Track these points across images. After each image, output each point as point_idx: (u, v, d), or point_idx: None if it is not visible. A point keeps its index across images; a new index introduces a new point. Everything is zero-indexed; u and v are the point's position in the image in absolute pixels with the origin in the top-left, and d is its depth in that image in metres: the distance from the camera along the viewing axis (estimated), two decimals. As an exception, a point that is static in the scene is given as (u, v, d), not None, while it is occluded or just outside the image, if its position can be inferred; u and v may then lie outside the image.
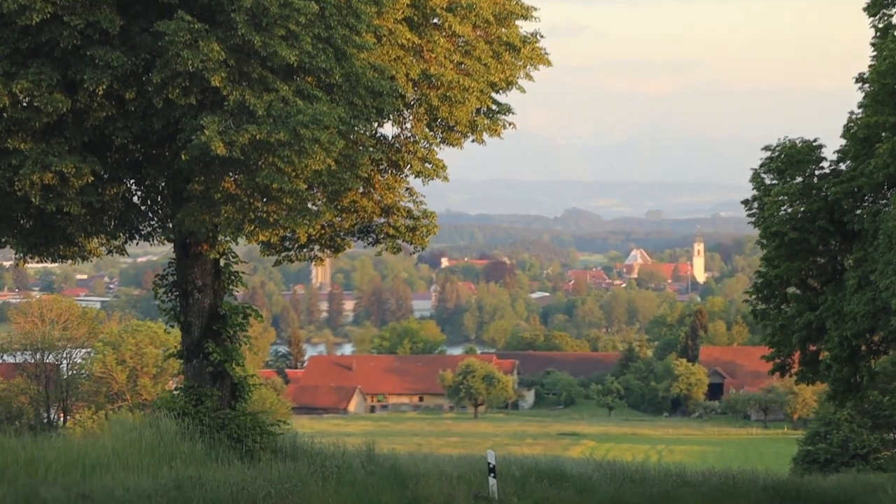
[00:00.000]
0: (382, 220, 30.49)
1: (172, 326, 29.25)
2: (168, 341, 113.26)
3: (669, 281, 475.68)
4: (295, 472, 25.12)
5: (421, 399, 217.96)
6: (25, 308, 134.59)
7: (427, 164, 29.22)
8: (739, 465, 43.08)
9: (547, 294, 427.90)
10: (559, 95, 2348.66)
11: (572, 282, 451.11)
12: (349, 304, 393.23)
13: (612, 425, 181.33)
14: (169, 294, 28.91)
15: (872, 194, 43.99)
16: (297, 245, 30.62)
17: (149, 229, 28.67)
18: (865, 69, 44.70)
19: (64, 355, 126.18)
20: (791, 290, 47.09)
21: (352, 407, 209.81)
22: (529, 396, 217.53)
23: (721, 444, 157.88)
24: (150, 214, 28.42)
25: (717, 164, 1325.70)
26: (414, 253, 30.81)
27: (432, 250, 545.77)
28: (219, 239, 27.99)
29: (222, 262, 29.10)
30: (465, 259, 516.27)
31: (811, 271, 46.23)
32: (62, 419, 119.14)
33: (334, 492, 24.52)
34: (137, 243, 28.90)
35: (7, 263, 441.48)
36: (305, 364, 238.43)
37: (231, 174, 25.40)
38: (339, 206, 28.89)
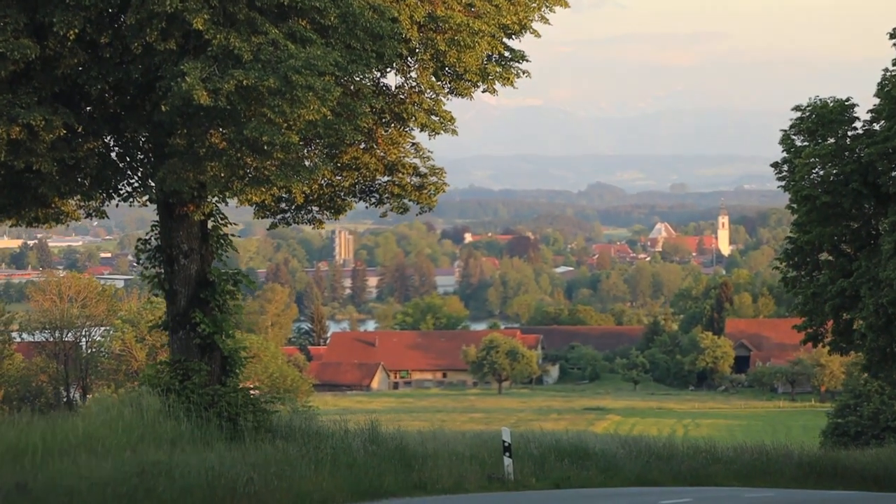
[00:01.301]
0: (386, 178, 27.94)
1: (157, 295, 27.03)
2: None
3: (694, 254, 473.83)
4: (284, 455, 22.80)
5: (444, 375, 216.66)
6: (44, 286, 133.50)
7: (433, 117, 26.64)
8: (767, 439, 41.12)
9: (571, 268, 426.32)
10: (581, 69, 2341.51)
11: (596, 256, 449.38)
12: (373, 281, 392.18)
13: (638, 399, 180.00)
14: (153, 260, 26.71)
15: (909, 155, 42.13)
16: (293, 206, 28.30)
17: (129, 189, 26.39)
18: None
19: (83, 333, 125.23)
20: (823, 256, 45.37)
21: (375, 383, 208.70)
22: (554, 371, 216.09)
23: (748, 417, 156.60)
24: (129, 172, 26.05)
25: (740, 137, 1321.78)
26: (421, 213, 28.31)
27: (455, 226, 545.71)
28: (205, 199, 25.71)
29: (210, 225, 26.76)
30: (489, 234, 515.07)
31: (844, 236, 44.51)
32: (82, 397, 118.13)
33: (329, 476, 22.23)
34: (117, 205, 26.65)
35: (32, 242, 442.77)
36: (328, 341, 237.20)
37: (217, 126, 23.23)
38: (338, 164, 26.63)
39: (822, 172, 43.80)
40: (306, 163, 24.14)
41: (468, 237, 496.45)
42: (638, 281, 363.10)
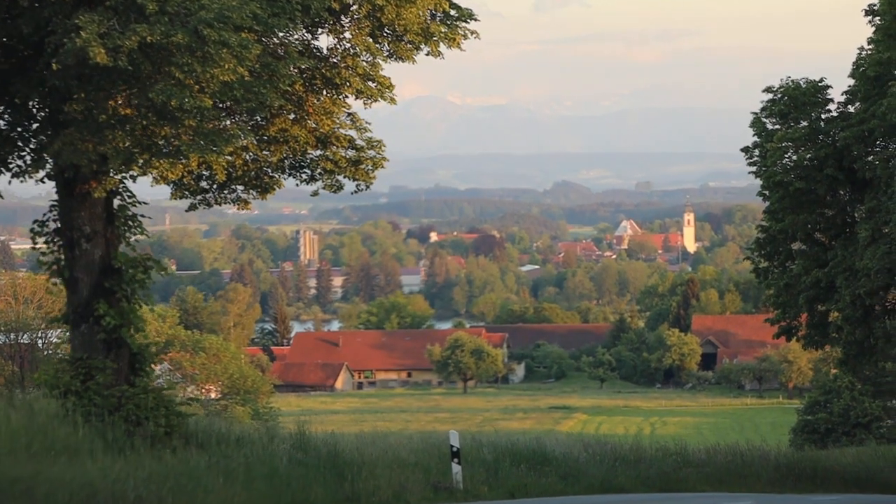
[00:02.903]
0: (318, 152, 24.77)
1: (55, 284, 23.94)
2: (147, 317, 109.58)
3: (660, 251, 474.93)
4: (187, 465, 19.46)
5: (409, 374, 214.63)
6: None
7: (370, 83, 23.63)
8: (735, 437, 38.90)
9: (537, 267, 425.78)
10: (546, 68, 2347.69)
11: (562, 254, 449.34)
12: (338, 281, 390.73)
13: (604, 398, 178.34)
14: (51, 244, 23.83)
15: (885, 138, 40.13)
16: (215, 185, 25.20)
17: (20, 163, 22.82)
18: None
19: (39, 335, 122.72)
20: (797, 245, 43.15)
21: (339, 384, 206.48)
22: (520, 370, 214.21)
23: (715, 415, 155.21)
24: (20, 144, 22.66)
25: (705, 134, 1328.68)
26: (357, 192, 25.37)
27: (421, 225, 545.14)
28: (108, 173, 22.72)
29: (116, 204, 23.50)
30: (455, 233, 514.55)
31: (819, 224, 42.43)
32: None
33: (241, 489, 19.12)
34: (10, 181, 23.58)
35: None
36: (292, 341, 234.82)
37: (119, 90, 20.37)
38: (264, 136, 23.83)
39: (794, 157, 41.64)
40: (221, 129, 21.12)
41: (434, 236, 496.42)
42: (604, 279, 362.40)
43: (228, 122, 21.95)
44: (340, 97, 23.98)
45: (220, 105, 21.51)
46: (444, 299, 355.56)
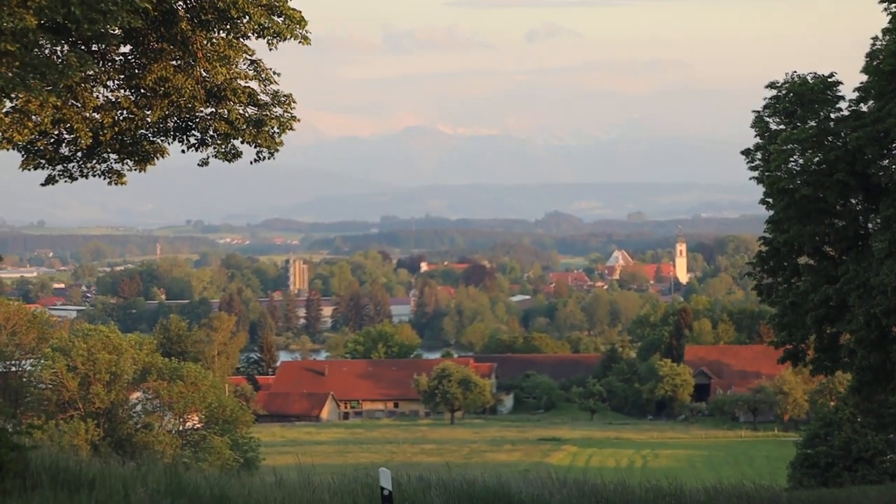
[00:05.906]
0: (210, 109, 19.64)
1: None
2: (122, 345, 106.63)
3: (652, 282, 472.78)
4: None
5: (396, 405, 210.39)
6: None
7: (277, 17, 18.59)
8: (730, 470, 34.35)
9: (528, 297, 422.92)
10: (538, 98, 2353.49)
11: (553, 284, 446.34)
12: (327, 310, 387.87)
13: (595, 429, 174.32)
14: None
15: (902, 140, 35.98)
16: (79, 151, 20.49)
17: None
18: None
19: (13, 363, 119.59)
20: (804, 259, 38.85)
21: (324, 414, 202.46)
22: (508, 401, 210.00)
23: (709, 447, 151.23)
24: None
25: (696, 165, 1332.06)
26: (257, 160, 20.17)
27: (412, 255, 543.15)
28: None
29: None
30: (445, 263, 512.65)
31: (828, 235, 38.14)
32: (14, 429, 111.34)
33: None
34: None
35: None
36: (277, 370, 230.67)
37: None
38: (139, 87, 19.13)
39: (801, 160, 37.42)
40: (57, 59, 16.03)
41: (424, 266, 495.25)
42: (595, 309, 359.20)
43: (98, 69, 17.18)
44: (239, 38, 18.97)
45: (64, 30, 16.77)
46: (434, 329, 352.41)
